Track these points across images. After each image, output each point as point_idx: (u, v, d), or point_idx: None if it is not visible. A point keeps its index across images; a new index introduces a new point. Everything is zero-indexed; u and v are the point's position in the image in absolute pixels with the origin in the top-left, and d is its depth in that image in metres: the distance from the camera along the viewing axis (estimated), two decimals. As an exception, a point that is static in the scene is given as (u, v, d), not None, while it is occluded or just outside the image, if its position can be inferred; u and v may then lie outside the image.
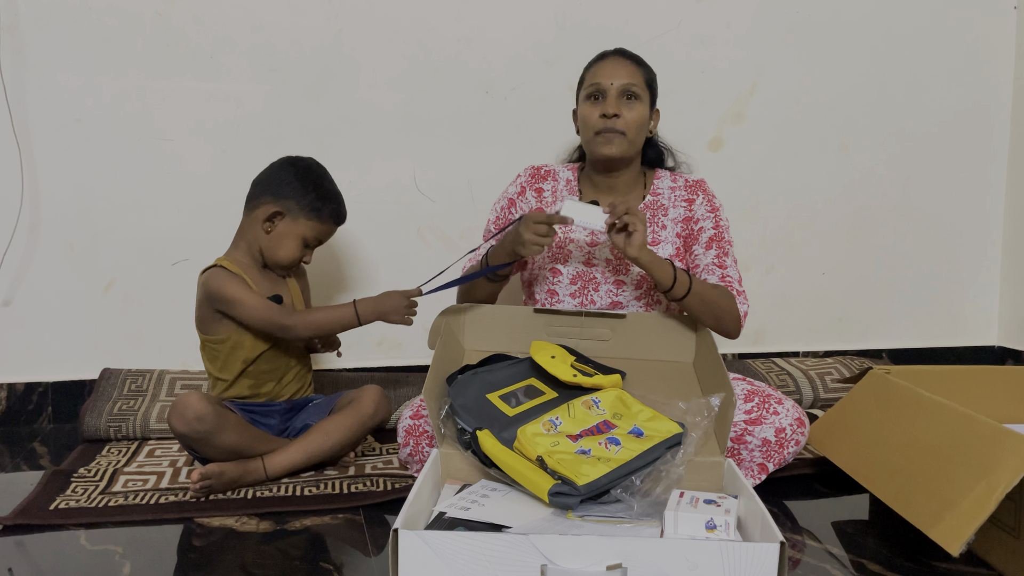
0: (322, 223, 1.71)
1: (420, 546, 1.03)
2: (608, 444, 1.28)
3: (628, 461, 1.24)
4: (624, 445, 1.27)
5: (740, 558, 1.02)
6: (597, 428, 1.32)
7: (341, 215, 1.75)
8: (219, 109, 2.10)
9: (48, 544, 1.38)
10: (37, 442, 1.96)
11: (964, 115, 2.55)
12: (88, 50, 2.03)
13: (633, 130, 1.68)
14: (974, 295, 2.64)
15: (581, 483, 1.18)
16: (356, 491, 1.59)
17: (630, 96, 1.68)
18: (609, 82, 1.68)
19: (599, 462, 1.23)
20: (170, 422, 1.55)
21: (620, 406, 1.38)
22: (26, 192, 2.04)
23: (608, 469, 1.22)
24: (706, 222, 1.74)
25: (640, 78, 1.71)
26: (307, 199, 1.68)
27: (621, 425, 1.33)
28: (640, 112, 1.69)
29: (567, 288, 1.75)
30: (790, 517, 1.51)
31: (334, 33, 2.14)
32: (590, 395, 1.40)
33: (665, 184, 1.79)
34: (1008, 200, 2.60)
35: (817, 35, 2.42)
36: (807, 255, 2.51)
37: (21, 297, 2.07)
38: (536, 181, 1.84)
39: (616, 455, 1.25)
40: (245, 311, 1.63)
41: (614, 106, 1.67)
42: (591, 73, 1.73)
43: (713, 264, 1.71)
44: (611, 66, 1.71)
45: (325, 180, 1.73)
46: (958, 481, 1.24)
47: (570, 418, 1.34)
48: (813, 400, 2.23)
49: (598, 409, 1.37)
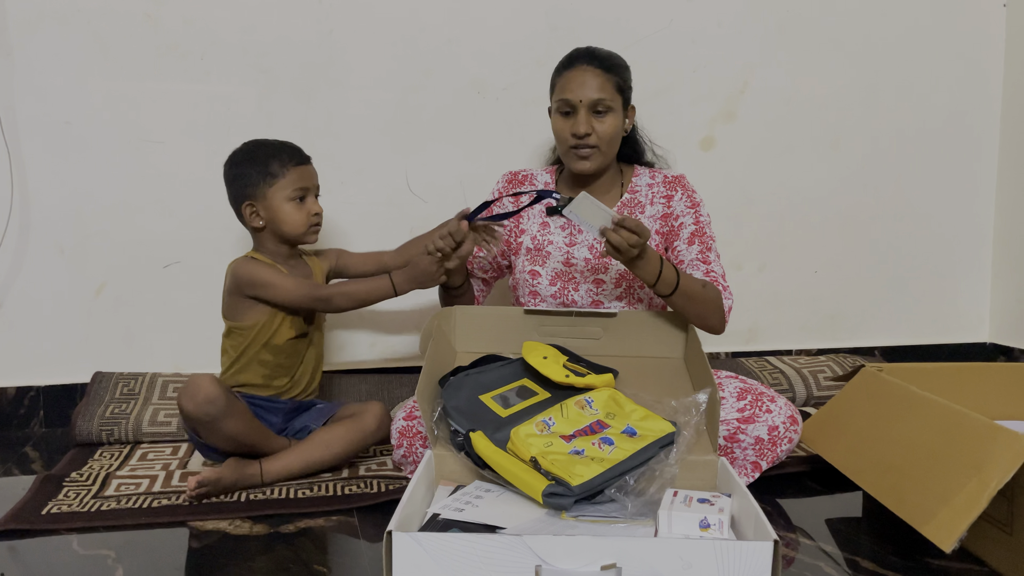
0: (286, 175, 1.69)
1: (414, 548, 1.03)
2: (601, 444, 1.28)
3: (622, 461, 1.24)
4: (617, 445, 1.27)
5: (734, 557, 1.02)
6: (590, 428, 1.32)
7: (294, 154, 1.71)
8: (210, 110, 2.10)
9: (40, 549, 1.37)
10: (29, 446, 1.95)
11: (954, 113, 2.56)
12: (78, 52, 2.02)
13: (606, 143, 1.68)
14: (965, 292, 2.65)
15: (575, 483, 1.18)
16: (350, 493, 1.59)
17: (601, 110, 1.66)
18: (578, 98, 1.65)
19: (593, 462, 1.23)
20: (180, 402, 1.56)
21: (613, 405, 1.38)
22: (16, 195, 2.02)
23: (602, 469, 1.22)
24: (686, 217, 1.74)
25: (610, 88, 1.66)
26: (255, 173, 1.68)
27: (614, 425, 1.33)
28: (612, 123, 1.67)
29: (547, 289, 1.75)
30: (783, 515, 1.52)
31: (325, 34, 2.14)
32: (583, 395, 1.40)
33: (643, 181, 1.79)
34: (998, 197, 2.61)
35: (808, 34, 2.42)
36: (799, 253, 2.52)
37: (11, 301, 2.06)
38: (513, 186, 1.84)
39: (610, 455, 1.25)
40: (280, 292, 1.67)
41: (585, 124, 1.65)
42: (560, 85, 1.69)
43: (697, 260, 1.71)
44: (579, 78, 1.66)
45: (256, 147, 1.71)
46: (950, 478, 1.24)
47: (563, 418, 1.34)
48: (806, 398, 2.24)
49: (591, 409, 1.37)
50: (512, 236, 1.83)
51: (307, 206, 1.71)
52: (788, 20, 2.41)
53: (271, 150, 1.70)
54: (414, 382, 1.77)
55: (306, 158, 1.73)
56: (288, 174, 1.69)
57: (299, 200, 1.70)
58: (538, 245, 1.78)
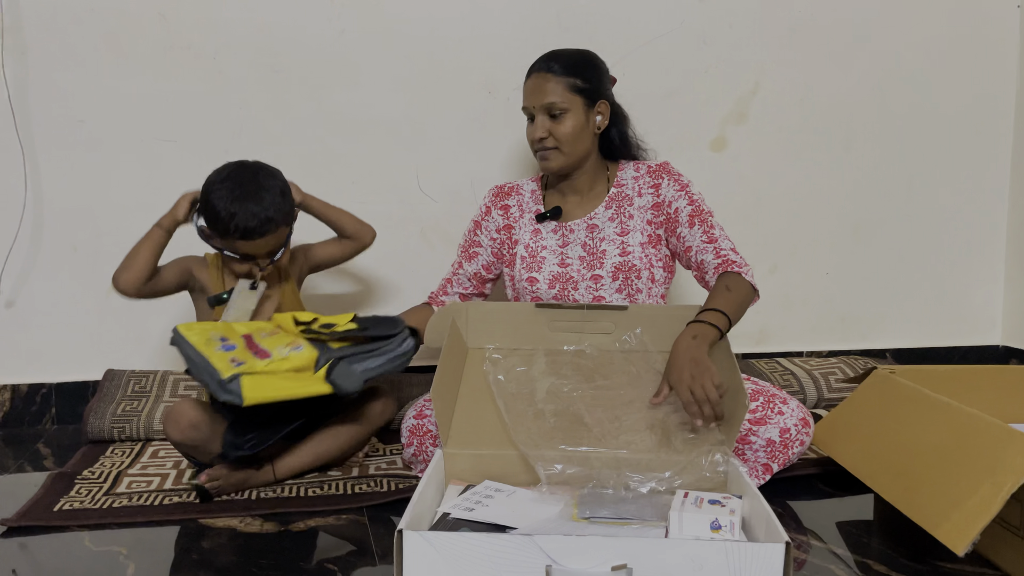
0: (226, 240, 1.64)
1: (424, 547, 1.03)
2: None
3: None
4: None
5: (745, 558, 1.02)
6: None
7: (235, 230, 1.60)
8: (222, 111, 2.10)
9: (52, 545, 1.38)
10: (41, 443, 1.96)
11: (968, 114, 2.54)
12: (91, 52, 2.03)
13: (567, 142, 1.71)
14: (978, 294, 2.63)
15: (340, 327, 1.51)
16: (360, 492, 1.59)
17: (555, 113, 1.70)
18: (532, 104, 1.72)
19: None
20: (166, 430, 1.57)
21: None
22: (29, 194, 2.04)
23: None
24: (679, 202, 1.74)
25: (561, 91, 1.69)
26: (208, 220, 1.64)
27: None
28: (571, 123, 1.70)
29: (547, 293, 1.75)
30: (795, 517, 1.51)
31: (336, 34, 2.14)
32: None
33: (628, 174, 1.80)
34: (1012, 199, 2.60)
35: (820, 35, 2.41)
36: (810, 255, 2.51)
37: (24, 299, 2.07)
38: (501, 199, 1.86)
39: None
40: None
41: (541, 128, 1.71)
42: (523, 93, 1.76)
43: (704, 242, 1.70)
44: (532, 85, 1.73)
45: (215, 197, 1.61)
46: (963, 481, 1.23)
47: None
48: (817, 400, 2.23)
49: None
50: (506, 248, 1.84)
51: (249, 265, 1.68)
52: (799, 21, 2.40)
53: (224, 212, 1.59)
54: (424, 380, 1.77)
55: (254, 234, 1.60)
56: (229, 242, 1.64)
57: (240, 260, 1.67)
58: (532, 252, 1.79)
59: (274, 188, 1.64)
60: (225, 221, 1.60)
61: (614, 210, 1.77)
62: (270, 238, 1.64)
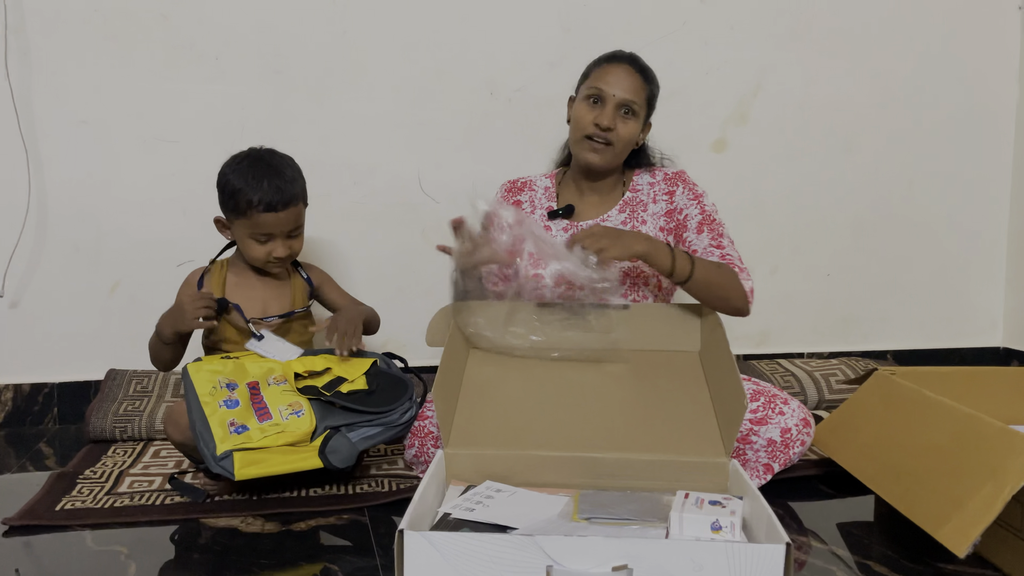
0: (250, 217, 1.64)
1: (425, 547, 1.03)
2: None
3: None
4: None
5: (746, 559, 1.02)
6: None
7: (262, 201, 1.61)
8: (224, 110, 2.11)
9: (54, 545, 1.38)
10: (43, 443, 1.96)
11: (969, 116, 2.55)
12: (94, 52, 2.04)
13: (621, 144, 1.69)
14: (979, 296, 2.64)
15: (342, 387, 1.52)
16: (361, 492, 1.59)
17: (628, 111, 1.68)
18: (612, 92, 1.66)
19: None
20: (166, 431, 1.58)
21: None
22: (33, 193, 2.04)
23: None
24: (691, 209, 1.74)
25: (643, 95, 1.69)
26: (228, 202, 1.65)
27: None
28: (633, 128, 1.69)
29: (553, 291, 1.75)
30: (795, 518, 1.51)
31: (338, 34, 2.15)
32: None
33: (644, 180, 1.80)
34: (1012, 201, 2.60)
35: (821, 36, 2.41)
36: (811, 256, 2.51)
37: (27, 298, 2.07)
38: (513, 194, 1.85)
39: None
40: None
41: (609, 118, 1.66)
42: (596, 74, 1.71)
43: (710, 247, 1.70)
44: (618, 74, 1.68)
45: (235, 176, 1.63)
46: (964, 482, 1.23)
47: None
48: (818, 401, 2.23)
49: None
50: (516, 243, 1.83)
51: (268, 247, 1.68)
52: (801, 23, 2.40)
53: (245, 187, 1.62)
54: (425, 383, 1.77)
55: (277, 206, 1.63)
56: (252, 217, 1.63)
57: (259, 241, 1.68)
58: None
59: (293, 165, 1.69)
60: (248, 194, 1.61)
61: (627, 214, 1.76)
62: (292, 211, 1.66)
